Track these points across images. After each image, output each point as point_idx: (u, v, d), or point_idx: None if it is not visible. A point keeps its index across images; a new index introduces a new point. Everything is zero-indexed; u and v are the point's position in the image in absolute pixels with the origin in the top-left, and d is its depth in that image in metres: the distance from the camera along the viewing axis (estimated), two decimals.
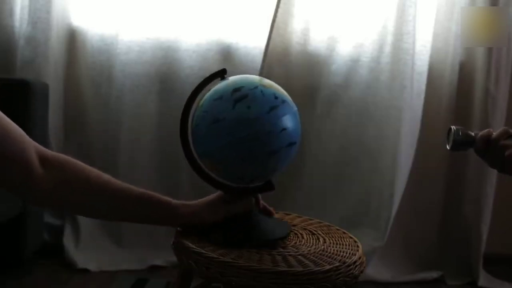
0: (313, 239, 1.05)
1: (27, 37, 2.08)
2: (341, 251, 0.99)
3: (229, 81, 0.99)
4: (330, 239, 1.05)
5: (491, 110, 2.18)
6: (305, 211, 1.26)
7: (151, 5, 2.15)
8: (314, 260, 0.94)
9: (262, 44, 2.14)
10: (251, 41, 2.19)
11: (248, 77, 1.00)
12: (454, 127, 1.12)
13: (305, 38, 2.17)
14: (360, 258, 0.97)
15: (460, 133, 1.11)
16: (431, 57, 2.19)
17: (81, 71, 2.20)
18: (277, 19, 2.12)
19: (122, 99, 2.17)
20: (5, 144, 0.88)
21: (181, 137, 1.01)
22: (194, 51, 2.17)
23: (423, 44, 2.18)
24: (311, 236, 1.06)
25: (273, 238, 1.01)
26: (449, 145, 1.13)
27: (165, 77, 2.18)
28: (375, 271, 2.14)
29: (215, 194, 1.03)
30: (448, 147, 1.14)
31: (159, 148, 2.20)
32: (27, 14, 2.08)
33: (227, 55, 2.19)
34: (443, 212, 2.29)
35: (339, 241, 1.04)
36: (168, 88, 2.17)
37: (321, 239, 1.05)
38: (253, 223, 1.02)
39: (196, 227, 1.00)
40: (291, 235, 1.06)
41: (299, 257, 0.95)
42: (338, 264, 0.92)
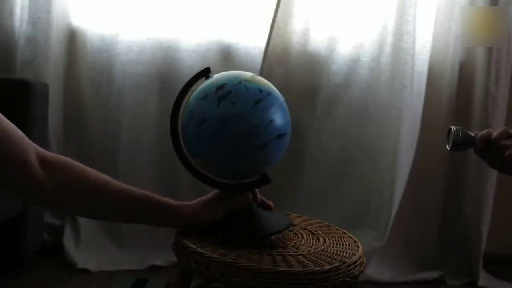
0: (313, 239, 1.05)
1: (27, 37, 2.08)
2: (341, 251, 0.99)
3: (213, 79, 0.99)
4: (330, 239, 1.05)
5: (491, 110, 2.18)
6: (305, 211, 1.25)
7: (151, 5, 2.15)
8: (314, 260, 0.94)
9: (262, 44, 2.14)
10: (251, 41, 2.19)
11: (231, 73, 0.99)
12: (454, 127, 1.12)
13: (305, 38, 2.17)
14: (360, 258, 0.97)
15: (460, 133, 1.11)
16: (431, 57, 2.20)
17: (81, 71, 2.20)
18: (277, 19, 2.12)
19: (122, 99, 2.17)
20: (4, 144, 0.89)
21: (172, 138, 1.01)
22: (194, 51, 2.17)
23: (423, 44, 2.18)
24: (311, 236, 1.06)
25: (275, 230, 1.01)
26: (449, 146, 1.13)
27: (165, 77, 2.18)
28: (375, 271, 2.14)
29: (212, 192, 1.03)
30: (448, 147, 1.13)
31: (159, 148, 2.20)
32: (27, 14, 2.08)
33: (227, 55, 2.19)
34: (443, 212, 2.29)
35: (339, 241, 1.04)
36: (168, 88, 2.17)
37: (321, 239, 1.05)
38: (253, 218, 1.02)
39: (196, 227, 1.00)
40: (291, 235, 1.06)
41: (299, 257, 0.95)
42: (338, 264, 0.92)
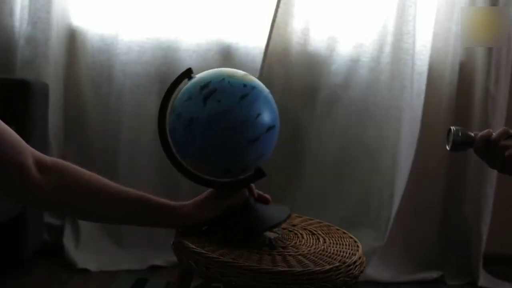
0: (313, 239, 1.04)
1: (27, 37, 2.08)
2: (341, 251, 0.99)
3: (196, 79, 0.98)
4: (330, 239, 1.05)
5: (491, 110, 2.18)
6: (305, 211, 1.25)
7: (151, 5, 2.15)
8: (314, 260, 0.94)
9: (262, 44, 2.14)
10: (251, 41, 2.19)
11: (213, 71, 0.99)
12: (453, 127, 1.12)
13: (305, 38, 2.17)
14: (360, 258, 0.97)
15: (459, 134, 1.11)
16: (431, 57, 2.20)
17: (81, 71, 2.20)
18: (277, 19, 2.12)
19: (122, 99, 2.17)
20: (0, 147, 0.88)
21: (162, 143, 1.01)
22: (194, 51, 2.17)
23: (423, 44, 2.18)
24: (311, 236, 1.06)
25: (275, 223, 1.01)
26: (449, 146, 1.13)
27: (165, 77, 2.18)
28: (375, 271, 2.14)
29: (207, 191, 1.02)
30: (448, 148, 1.13)
31: (159, 148, 2.16)
32: (27, 14, 2.08)
33: (227, 55, 2.19)
34: (443, 212, 2.29)
35: (339, 241, 1.04)
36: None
37: (321, 239, 1.05)
38: (251, 214, 1.01)
39: (195, 227, 1.00)
40: (291, 235, 1.06)
41: (299, 257, 0.95)
42: (338, 264, 0.92)
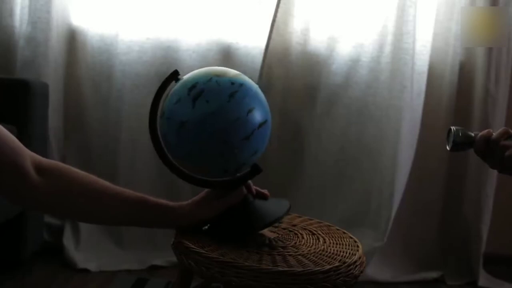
0: (313, 239, 1.05)
1: (27, 37, 2.08)
2: (341, 251, 0.99)
3: (183, 80, 0.99)
4: (330, 239, 1.05)
5: (491, 110, 2.18)
6: (305, 211, 1.25)
7: (151, 5, 2.15)
8: (314, 260, 0.94)
9: (262, 44, 2.14)
10: (251, 41, 2.19)
11: (200, 72, 0.99)
12: (454, 127, 1.12)
13: (305, 38, 2.17)
14: (360, 258, 0.97)
15: (460, 134, 1.11)
16: (431, 57, 2.19)
17: (81, 71, 2.20)
18: (277, 19, 2.12)
19: (122, 99, 2.17)
20: None
21: (156, 148, 1.01)
22: (194, 51, 2.17)
23: (423, 44, 2.18)
24: (311, 236, 1.06)
25: (275, 218, 1.01)
26: (449, 146, 1.13)
27: (165, 77, 2.17)
28: (375, 271, 2.14)
29: (205, 190, 1.02)
30: (448, 148, 1.13)
31: None
32: (27, 14, 2.08)
33: (227, 55, 2.19)
34: (443, 212, 2.28)
35: (339, 241, 1.04)
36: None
37: (321, 239, 1.05)
38: (250, 211, 1.01)
39: (195, 227, 1.00)
40: (291, 235, 1.06)
41: (299, 257, 0.95)
42: (338, 264, 0.92)
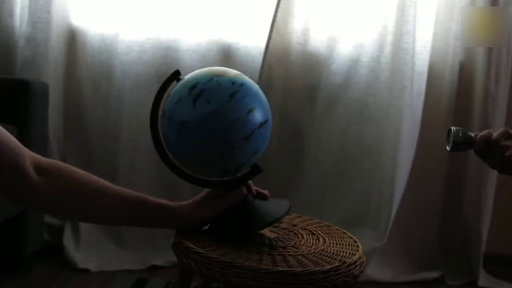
0: (313, 239, 1.05)
1: (27, 37, 2.08)
2: (341, 251, 0.99)
3: (184, 80, 0.99)
4: (330, 239, 1.05)
5: (491, 110, 2.18)
6: (305, 211, 1.25)
7: (151, 5, 2.15)
8: (314, 260, 0.94)
9: (262, 44, 2.14)
10: (251, 41, 2.19)
11: (201, 72, 0.99)
12: (454, 128, 1.12)
13: (305, 38, 2.17)
14: (360, 258, 0.97)
15: (460, 134, 1.11)
16: (431, 57, 2.19)
17: (81, 71, 2.20)
18: (277, 19, 2.12)
19: (122, 99, 2.17)
20: None
21: (157, 148, 1.01)
22: (194, 51, 2.17)
23: (423, 44, 2.18)
24: (311, 236, 1.06)
25: (275, 218, 1.01)
26: (449, 146, 1.13)
27: (165, 77, 2.14)
28: (375, 271, 2.14)
29: (205, 190, 1.03)
30: (448, 148, 1.13)
31: None
32: (27, 14, 2.08)
33: (227, 55, 2.18)
34: (443, 212, 2.28)
35: (339, 241, 1.04)
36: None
37: (321, 239, 1.05)
38: (251, 211, 1.02)
39: (195, 227, 1.00)
40: (291, 235, 1.06)
41: (299, 257, 0.95)
42: (338, 264, 0.92)
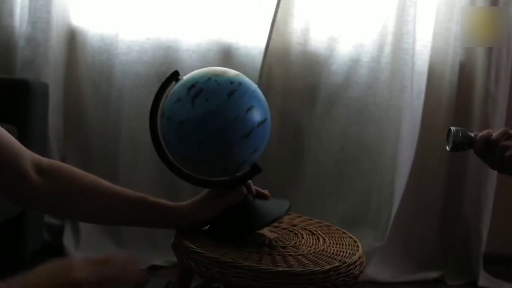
0: (313, 239, 1.04)
1: (27, 37, 2.08)
2: (341, 251, 0.99)
3: (182, 80, 0.99)
4: (330, 239, 1.05)
5: (491, 110, 2.18)
6: (305, 211, 1.25)
7: (151, 5, 2.15)
8: (314, 260, 0.93)
9: (262, 44, 2.14)
10: (251, 41, 2.19)
11: (199, 71, 0.99)
12: (453, 128, 1.12)
13: (305, 38, 2.17)
14: (360, 258, 0.97)
15: (460, 134, 1.11)
16: (431, 57, 2.19)
17: (81, 71, 2.20)
18: (277, 19, 2.12)
19: (122, 99, 2.17)
20: None
21: (156, 148, 1.01)
22: (194, 51, 2.17)
23: (423, 44, 2.18)
24: (311, 236, 1.06)
25: (275, 217, 1.01)
26: (449, 146, 1.13)
27: (165, 77, 2.15)
28: (375, 271, 2.14)
29: (206, 190, 1.03)
30: (448, 148, 1.13)
31: None
32: (27, 14, 2.08)
33: (227, 55, 2.18)
34: (443, 212, 2.28)
35: (339, 241, 1.04)
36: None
37: (321, 239, 1.05)
38: (251, 211, 1.01)
39: (195, 227, 1.00)
40: (291, 235, 1.06)
41: (299, 257, 0.95)
42: (338, 264, 0.92)
